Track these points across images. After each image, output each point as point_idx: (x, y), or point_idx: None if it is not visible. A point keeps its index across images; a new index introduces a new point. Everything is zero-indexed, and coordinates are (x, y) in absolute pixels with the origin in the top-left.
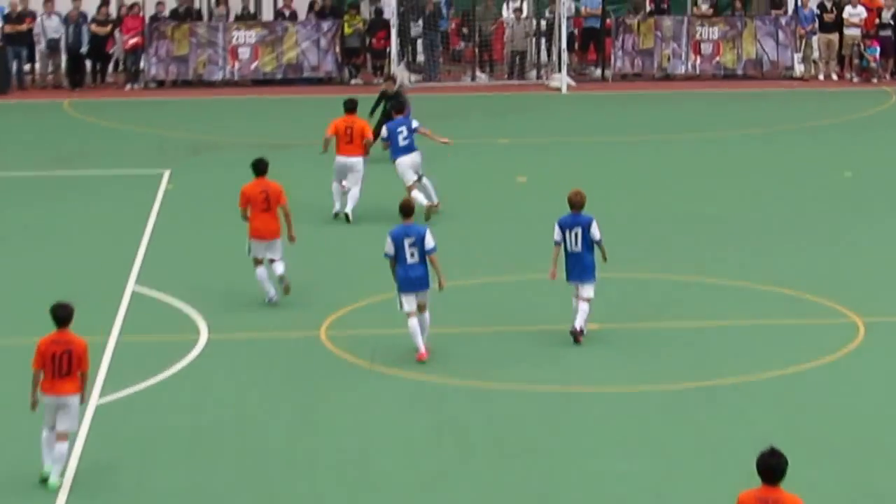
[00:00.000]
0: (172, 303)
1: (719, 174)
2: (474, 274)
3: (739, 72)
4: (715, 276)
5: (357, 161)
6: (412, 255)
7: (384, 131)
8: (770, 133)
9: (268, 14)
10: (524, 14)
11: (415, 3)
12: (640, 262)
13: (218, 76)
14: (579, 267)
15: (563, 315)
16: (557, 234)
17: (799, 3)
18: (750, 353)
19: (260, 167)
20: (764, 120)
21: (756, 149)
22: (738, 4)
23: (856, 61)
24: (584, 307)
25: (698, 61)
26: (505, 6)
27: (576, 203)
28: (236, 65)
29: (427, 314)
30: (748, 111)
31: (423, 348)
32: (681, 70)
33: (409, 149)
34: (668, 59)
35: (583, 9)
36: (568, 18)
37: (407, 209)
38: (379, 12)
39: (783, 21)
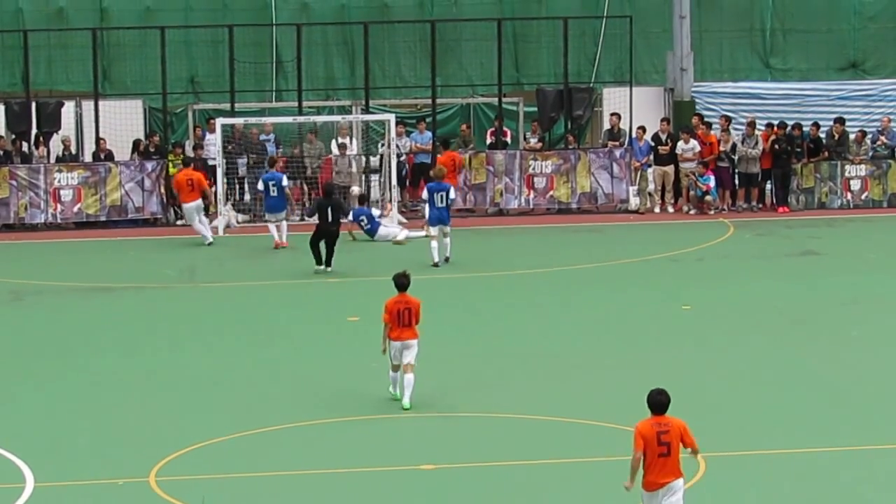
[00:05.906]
0: None
1: (554, 309)
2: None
3: (574, 205)
4: (549, 413)
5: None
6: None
7: None
8: (606, 267)
9: (90, 155)
10: (354, 151)
11: (241, 142)
12: (463, 399)
13: (40, 219)
14: None
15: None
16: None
17: (633, 135)
18: (585, 490)
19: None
20: (599, 254)
21: (591, 283)
22: (571, 138)
23: (692, 192)
24: None
25: (532, 196)
26: (333, 143)
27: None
28: (59, 207)
29: None
30: (583, 245)
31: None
32: (514, 205)
33: None
34: (501, 193)
35: (412, 144)
36: (403, 154)
37: None
38: (198, 147)
39: (617, 154)
